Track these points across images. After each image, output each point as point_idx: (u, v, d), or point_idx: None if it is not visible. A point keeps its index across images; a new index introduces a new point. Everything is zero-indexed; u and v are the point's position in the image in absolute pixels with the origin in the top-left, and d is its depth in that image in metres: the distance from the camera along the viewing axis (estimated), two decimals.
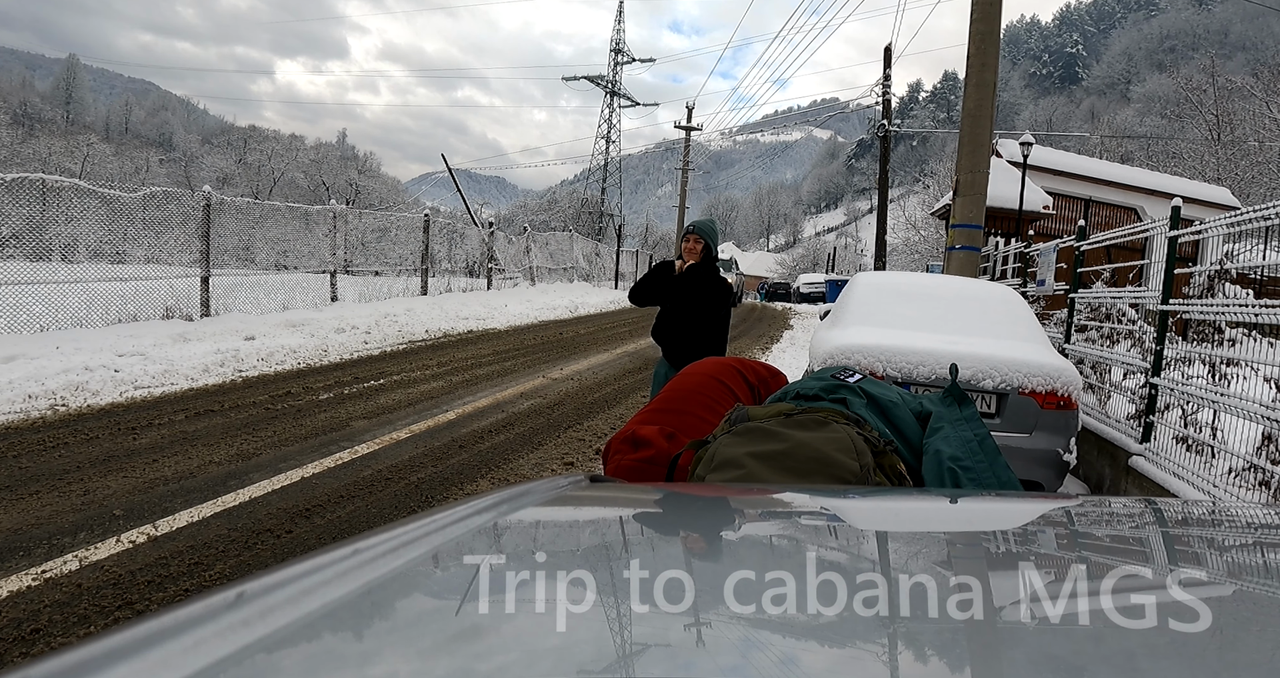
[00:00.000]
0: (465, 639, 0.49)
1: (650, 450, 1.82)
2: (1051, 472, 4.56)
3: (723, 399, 2.07)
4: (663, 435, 1.88)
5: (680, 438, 1.85)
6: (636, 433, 1.88)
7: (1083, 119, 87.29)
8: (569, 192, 56.86)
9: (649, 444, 1.84)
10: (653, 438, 1.88)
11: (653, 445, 1.84)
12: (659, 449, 1.82)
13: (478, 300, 16.01)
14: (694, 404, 2.04)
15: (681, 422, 1.96)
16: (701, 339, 4.56)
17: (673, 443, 1.82)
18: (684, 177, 48.50)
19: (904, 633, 0.52)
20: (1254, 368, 4.10)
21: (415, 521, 0.74)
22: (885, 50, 25.57)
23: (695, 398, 2.08)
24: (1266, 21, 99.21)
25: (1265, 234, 4.25)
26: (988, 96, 10.26)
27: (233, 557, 3.41)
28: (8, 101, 61.17)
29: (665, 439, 1.86)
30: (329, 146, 66.07)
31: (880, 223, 26.39)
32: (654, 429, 1.89)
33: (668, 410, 2.01)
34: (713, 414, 1.99)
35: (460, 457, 5.25)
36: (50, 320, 8.31)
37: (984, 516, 1.01)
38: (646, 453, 1.82)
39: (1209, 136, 33.38)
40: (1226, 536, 0.92)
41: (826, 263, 67.09)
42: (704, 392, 2.09)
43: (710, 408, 2.02)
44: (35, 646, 2.61)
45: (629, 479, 1.77)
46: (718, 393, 2.10)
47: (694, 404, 2.04)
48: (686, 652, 0.48)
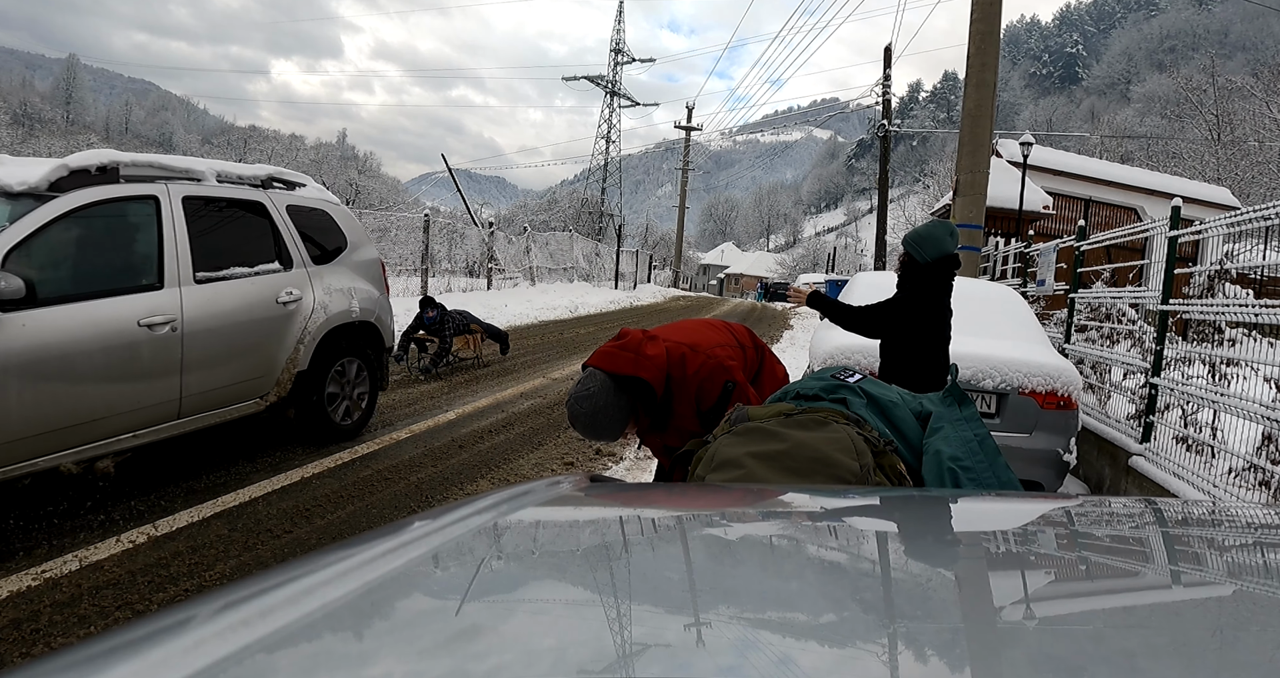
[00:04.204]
0: (465, 639, 0.49)
1: (623, 339, 2.18)
2: (1051, 472, 4.56)
3: (713, 327, 2.47)
4: (641, 331, 2.26)
5: (660, 338, 2.23)
6: (620, 330, 2.28)
7: (1083, 119, 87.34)
8: (569, 192, 56.87)
9: (623, 336, 2.20)
10: (628, 330, 2.25)
11: (625, 335, 2.21)
12: (632, 336, 2.20)
13: (478, 300, 16.00)
14: (684, 324, 2.44)
15: (666, 330, 2.35)
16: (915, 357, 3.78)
17: (653, 342, 2.19)
18: (684, 176, 48.53)
19: (904, 633, 0.52)
20: (1254, 368, 4.10)
21: (415, 520, 0.74)
22: (885, 50, 25.58)
23: (685, 322, 2.47)
24: (1266, 21, 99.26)
25: (1265, 234, 4.25)
26: (988, 96, 10.27)
27: (233, 557, 3.41)
28: (8, 101, 61.22)
29: (642, 332, 2.24)
30: (329, 147, 66.11)
31: (880, 223, 26.39)
32: (636, 329, 2.29)
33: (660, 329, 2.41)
34: (710, 328, 2.43)
35: (460, 457, 5.25)
36: None
37: (984, 515, 1.01)
38: (619, 341, 2.20)
39: (1209, 136, 33.40)
40: (1226, 536, 0.92)
41: (826, 263, 67.08)
42: (694, 322, 2.49)
43: (699, 328, 2.42)
44: (35, 646, 2.61)
45: (603, 364, 2.14)
46: (707, 323, 2.50)
47: (684, 324, 2.44)
48: (686, 652, 0.48)
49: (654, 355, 2.14)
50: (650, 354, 2.14)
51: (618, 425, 2.16)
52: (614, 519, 0.89)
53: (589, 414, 2.10)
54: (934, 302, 3.77)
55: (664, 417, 2.25)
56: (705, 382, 2.18)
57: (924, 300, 3.74)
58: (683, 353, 2.19)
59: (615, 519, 0.89)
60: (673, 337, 2.26)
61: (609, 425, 2.14)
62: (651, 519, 0.89)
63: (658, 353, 2.15)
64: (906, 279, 3.79)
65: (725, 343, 2.35)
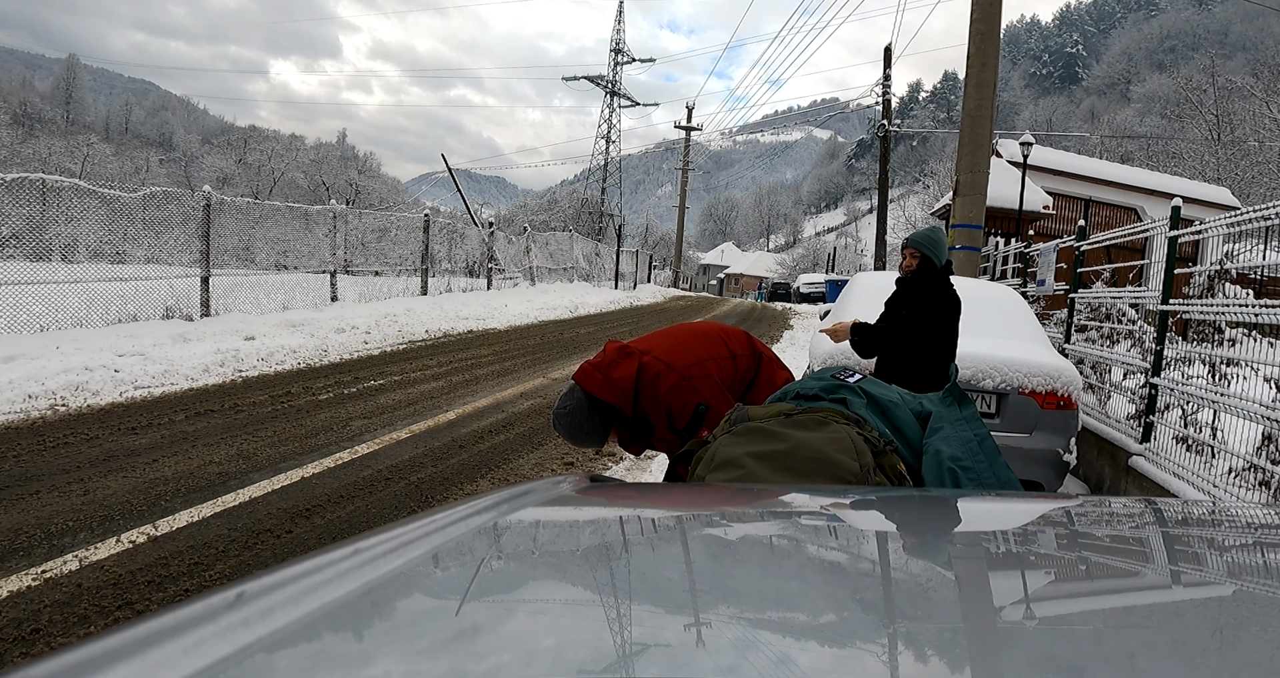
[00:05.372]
0: (465, 639, 0.49)
1: (601, 356, 2.29)
2: (1051, 472, 4.56)
3: (705, 335, 2.45)
4: (619, 346, 2.32)
5: (638, 354, 2.27)
6: (605, 344, 2.35)
7: (1083, 119, 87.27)
8: (569, 192, 56.87)
9: (605, 351, 2.31)
10: (610, 344, 2.33)
11: (606, 350, 2.30)
12: (608, 353, 2.28)
13: (478, 300, 16.01)
14: (674, 331, 2.46)
15: (652, 340, 2.38)
16: (920, 359, 3.82)
17: (627, 361, 2.24)
18: (684, 176, 48.52)
19: (904, 633, 0.52)
20: (1254, 368, 4.10)
21: (415, 520, 0.74)
22: (885, 50, 25.58)
23: (678, 328, 2.49)
24: (1266, 21, 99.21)
25: (1265, 234, 4.25)
26: (988, 96, 10.27)
27: (233, 557, 3.41)
28: (8, 101, 61.13)
29: (619, 348, 2.30)
30: (329, 147, 66.02)
31: (880, 223, 26.39)
32: (615, 343, 2.34)
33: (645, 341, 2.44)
34: (700, 337, 2.42)
35: (460, 457, 5.25)
36: (50, 320, 8.31)
37: (984, 515, 1.01)
38: (599, 356, 2.29)
39: (1209, 136, 33.38)
40: (1226, 536, 0.92)
41: (826, 263, 67.06)
42: (685, 329, 2.48)
43: (687, 338, 2.42)
44: (35, 646, 2.61)
45: (580, 380, 2.25)
46: (699, 331, 2.48)
47: (674, 331, 2.46)
48: (686, 652, 0.48)
49: (620, 378, 2.21)
50: (616, 377, 2.21)
51: (596, 438, 2.33)
52: (614, 519, 0.89)
53: (567, 429, 2.30)
54: (957, 304, 3.96)
55: (643, 430, 2.33)
56: (676, 402, 2.20)
57: (955, 304, 3.93)
58: (657, 372, 2.21)
59: (615, 519, 0.89)
60: (654, 351, 2.27)
61: (587, 439, 2.32)
62: (651, 519, 0.89)
63: (624, 375, 2.21)
64: (929, 283, 3.93)
65: (714, 355, 2.34)
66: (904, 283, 4.04)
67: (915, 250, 3.93)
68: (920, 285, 3.94)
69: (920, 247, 3.93)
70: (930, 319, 3.85)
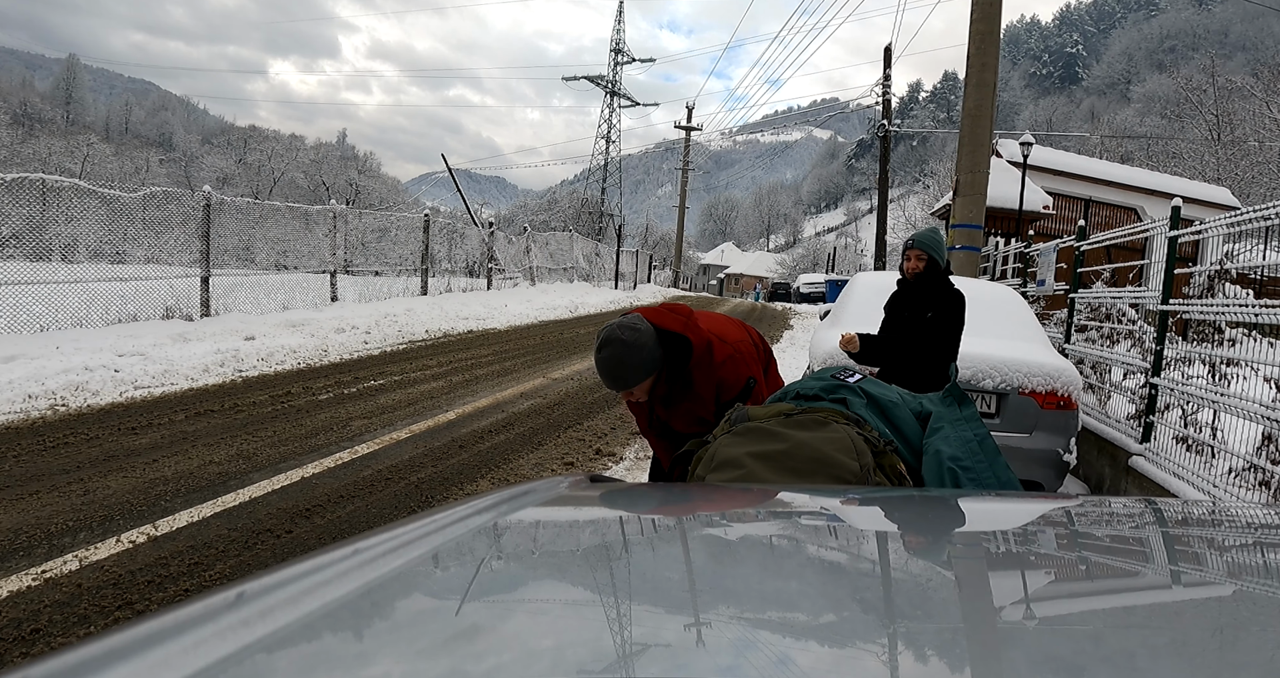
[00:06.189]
0: (465, 639, 0.49)
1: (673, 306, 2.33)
2: (1051, 472, 4.56)
3: (734, 323, 2.54)
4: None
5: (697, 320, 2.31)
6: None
7: (1083, 119, 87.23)
8: (569, 192, 56.84)
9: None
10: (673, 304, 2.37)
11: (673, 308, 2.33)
12: (681, 306, 2.32)
13: (478, 300, 16.01)
14: (710, 315, 2.50)
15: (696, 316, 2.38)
16: (923, 360, 3.87)
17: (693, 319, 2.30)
18: (684, 176, 48.52)
19: (904, 633, 0.52)
20: (1254, 368, 4.10)
21: (415, 520, 0.74)
22: (885, 50, 25.58)
23: (710, 313, 2.54)
24: (1266, 21, 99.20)
25: (1265, 234, 4.25)
26: (988, 96, 10.27)
27: (233, 557, 3.41)
28: (8, 101, 61.11)
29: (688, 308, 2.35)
30: (329, 147, 66.02)
31: (880, 223, 26.39)
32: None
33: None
34: (732, 324, 2.51)
35: (460, 457, 5.24)
36: (50, 320, 8.31)
37: (984, 515, 1.01)
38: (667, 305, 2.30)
39: (1209, 136, 33.38)
40: (1226, 536, 0.92)
41: (826, 263, 67.05)
42: (718, 315, 2.56)
43: (723, 322, 2.49)
44: (35, 646, 2.61)
45: (650, 317, 2.24)
46: (729, 318, 2.58)
47: (710, 315, 2.50)
48: (686, 652, 0.48)
49: (700, 328, 2.25)
50: (698, 323, 2.26)
51: (643, 371, 2.12)
52: (613, 519, 0.89)
53: (625, 344, 2.07)
54: (964, 302, 4.01)
55: (681, 391, 2.26)
56: (729, 373, 2.25)
57: (963, 302, 3.98)
58: (709, 342, 2.25)
59: (615, 519, 0.89)
60: (701, 324, 2.32)
61: (636, 367, 2.10)
62: (651, 519, 0.89)
63: (704, 326, 2.28)
64: (935, 284, 3.98)
65: (745, 340, 2.45)
66: (908, 284, 4.04)
67: (921, 252, 3.94)
68: (928, 287, 3.96)
69: (926, 248, 3.94)
70: (949, 321, 3.92)
